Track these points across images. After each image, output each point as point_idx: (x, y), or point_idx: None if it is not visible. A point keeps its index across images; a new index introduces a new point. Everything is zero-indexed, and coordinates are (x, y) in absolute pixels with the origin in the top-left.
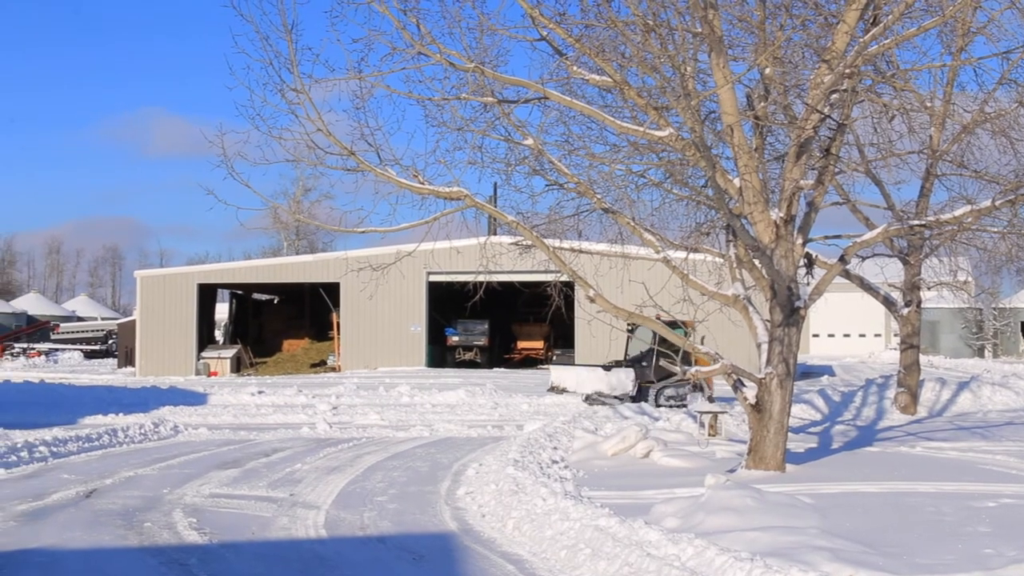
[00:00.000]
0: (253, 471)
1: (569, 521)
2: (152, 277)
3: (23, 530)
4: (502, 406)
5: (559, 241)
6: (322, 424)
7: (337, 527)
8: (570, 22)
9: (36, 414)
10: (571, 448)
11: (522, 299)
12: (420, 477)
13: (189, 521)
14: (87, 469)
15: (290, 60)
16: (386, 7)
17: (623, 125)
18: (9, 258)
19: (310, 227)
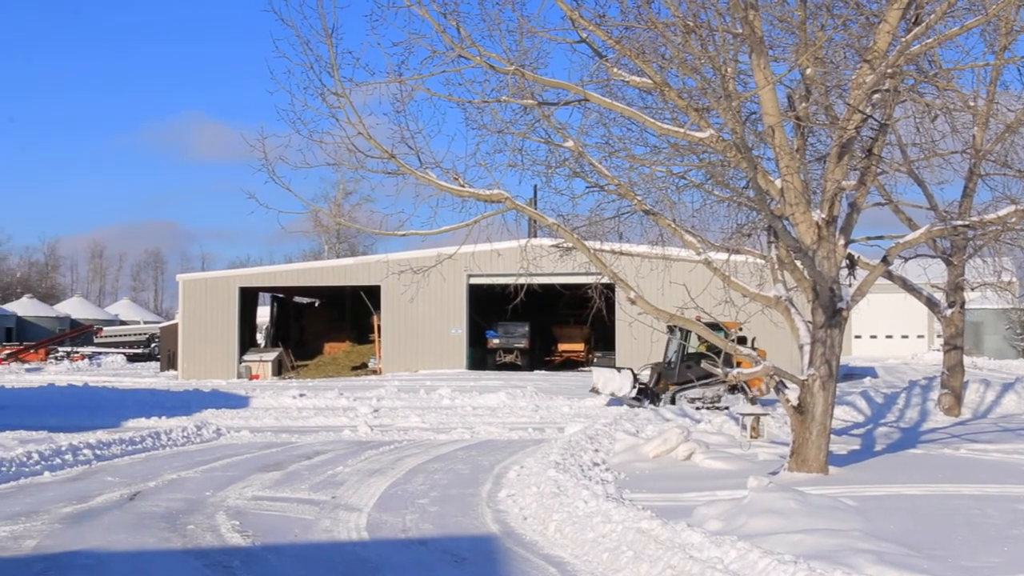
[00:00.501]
0: (295, 474)
1: (611, 524)
2: (194, 281)
3: (68, 532)
4: (543, 408)
5: (600, 243)
6: (363, 427)
7: (379, 529)
8: (610, 24)
9: (80, 417)
10: (612, 450)
11: (563, 301)
12: (461, 479)
13: (232, 523)
14: (131, 472)
15: (331, 64)
16: (426, 10)
17: (664, 127)
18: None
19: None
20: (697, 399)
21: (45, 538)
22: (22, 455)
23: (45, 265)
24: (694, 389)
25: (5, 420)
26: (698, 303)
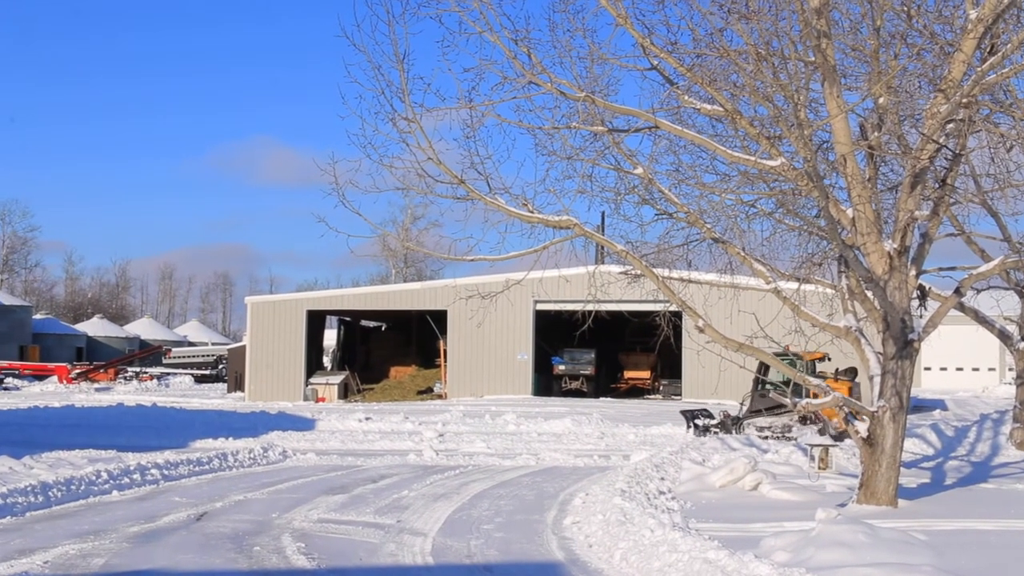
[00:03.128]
0: (360, 497)
1: (677, 553)
2: (262, 303)
3: (136, 552)
4: (608, 436)
5: (668, 271)
6: (428, 451)
7: (444, 554)
8: (681, 51)
9: (148, 437)
10: (678, 479)
11: (630, 328)
12: (526, 506)
13: (298, 546)
14: (198, 492)
15: (402, 89)
16: (497, 37)
17: (734, 154)
18: (123, 284)
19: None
20: (765, 428)
21: (113, 557)
22: (91, 474)
23: (116, 286)
24: (762, 418)
25: (75, 439)
26: (767, 332)
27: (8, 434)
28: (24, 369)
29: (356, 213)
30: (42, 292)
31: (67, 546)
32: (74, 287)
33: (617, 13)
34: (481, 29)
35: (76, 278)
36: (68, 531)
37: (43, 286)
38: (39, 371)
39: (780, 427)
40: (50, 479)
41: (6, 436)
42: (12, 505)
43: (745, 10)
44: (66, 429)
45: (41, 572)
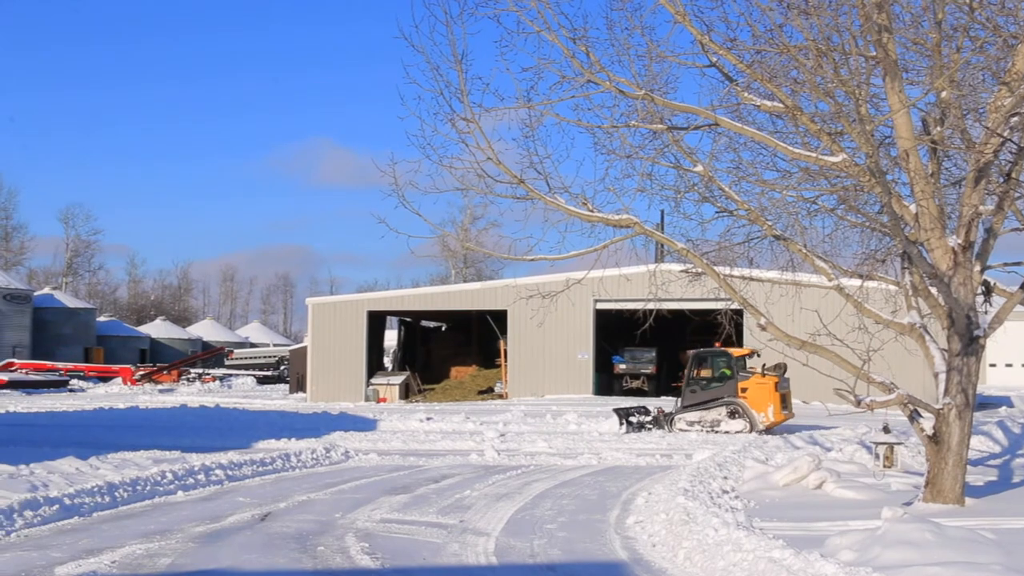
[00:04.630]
0: (423, 497)
1: (742, 552)
2: (323, 304)
3: (201, 552)
4: (670, 435)
5: (729, 268)
6: (490, 451)
7: (507, 554)
8: (741, 48)
9: (212, 438)
10: (741, 478)
11: (691, 327)
12: (589, 505)
13: (361, 546)
14: (261, 492)
15: (460, 90)
16: (555, 36)
17: (795, 151)
18: (185, 286)
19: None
20: (695, 422)
21: (179, 557)
22: (156, 474)
23: (178, 288)
24: (692, 413)
25: (140, 440)
26: (830, 329)
27: (74, 435)
28: (89, 371)
29: (416, 214)
30: (106, 295)
31: (134, 546)
32: (137, 289)
33: (675, 10)
34: (539, 28)
35: (139, 280)
36: (134, 531)
37: (107, 289)
38: (104, 373)
39: (709, 421)
40: (116, 480)
41: (72, 437)
42: (79, 505)
43: (805, 5)
44: (131, 430)
45: (109, 572)
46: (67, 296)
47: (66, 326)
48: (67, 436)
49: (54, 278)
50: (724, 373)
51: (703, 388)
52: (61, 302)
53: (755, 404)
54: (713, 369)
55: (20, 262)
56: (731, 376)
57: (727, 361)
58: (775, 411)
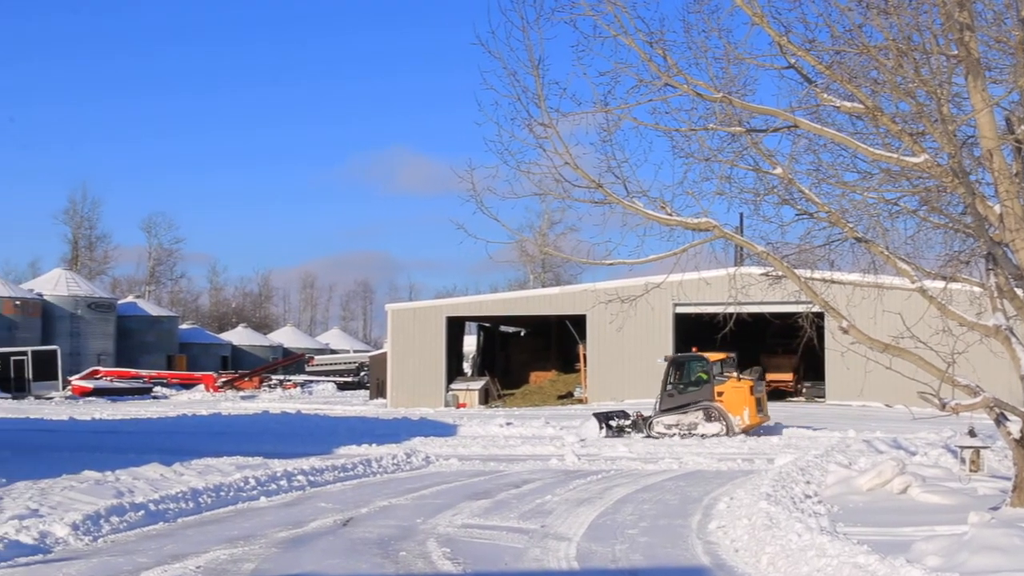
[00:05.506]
0: (504, 502)
1: (826, 558)
2: (402, 310)
3: (284, 557)
4: (751, 439)
5: (810, 271)
6: (570, 456)
7: (589, 559)
8: (820, 49)
9: (293, 444)
10: (824, 482)
11: (771, 330)
12: (670, 510)
13: (443, 551)
14: (343, 498)
15: (537, 95)
16: (632, 40)
17: (875, 152)
18: (266, 293)
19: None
20: (673, 426)
21: (263, 562)
22: (239, 480)
23: (259, 296)
24: (669, 416)
25: (222, 446)
26: (913, 332)
27: (158, 442)
28: (172, 378)
29: (494, 219)
30: (188, 302)
31: (218, 551)
32: (218, 297)
33: (753, 12)
34: (615, 32)
35: (220, 288)
36: (219, 536)
37: (188, 296)
38: (186, 380)
39: (687, 424)
40: (200, 485)
41: (157, 444)
42: (164, 511)
43: (884, 4)
44: (213, 436)
45: None
46: (150, 304)
47: (149, 334)
48: (151, 443)
49: (137, 287)
50: (701, 377)
51: (680, 392)
52: (144, 310)
53: (731, 407)
54: (690, 373)
55: (104, 271)
56: (708, 380)
57: (703, 366)
58: (751, 414)
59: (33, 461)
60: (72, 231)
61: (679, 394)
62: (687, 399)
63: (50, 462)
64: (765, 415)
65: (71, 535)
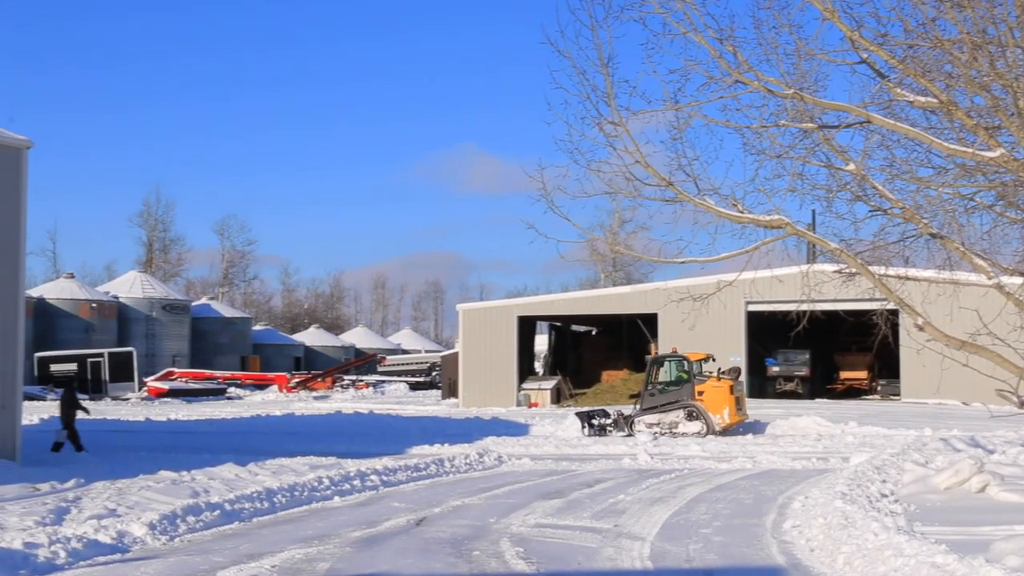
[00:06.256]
0: (576, 501)
1: (903, 557)
2: (473, 310)
3: (359, 556)
4: (826, 438)
5: (884, 268)
6: (643, 455)
7: (663, 559)
8: (892, 43)
9: (366, 444)
10: (900, 481)
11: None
12: (744, 509)
13: (516, 551)
14: (416, 497)
15: (607, 93)
16: (702, 37)
17: (950, 147)
18: (338, 294)
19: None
20: (654, 425)
21: (337, 561)
22: (313, 480)
23: (331, 296)
24: (651, 415)
25: (296, 446)
26: (991, 329)
27: (233, 442)
28: (246, 379)
29: (564, 218)
30: (260, 304)
31: (293, 551)
32: (291, 298)
33: (824, 7)
34: (685, 30)
35: (292, 289)
36: (293, 536)
37: (261, 298)
38: (260, 381)
39: (668, 424)
40: (274, 485)
41: (231, 444)
42: (239, 511)
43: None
44: (287, 437)
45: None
46: (223, 306)
47: (223, 335)
48: (226, 443)
49: (211, 288)
50: (681, 377)
51: (661, 392)
52: (218, 312)
53: (711, 406)
54: (671, 373)
55: (178, 273)
56: (688, 380)
57: (684, 365)
58: (730, 413)
59: (110, 461)
60: (147, 234)
61: (660, 394)
62: (668, 398)
63: (127, 462)
64: (744, 414)
65: (148, 535)
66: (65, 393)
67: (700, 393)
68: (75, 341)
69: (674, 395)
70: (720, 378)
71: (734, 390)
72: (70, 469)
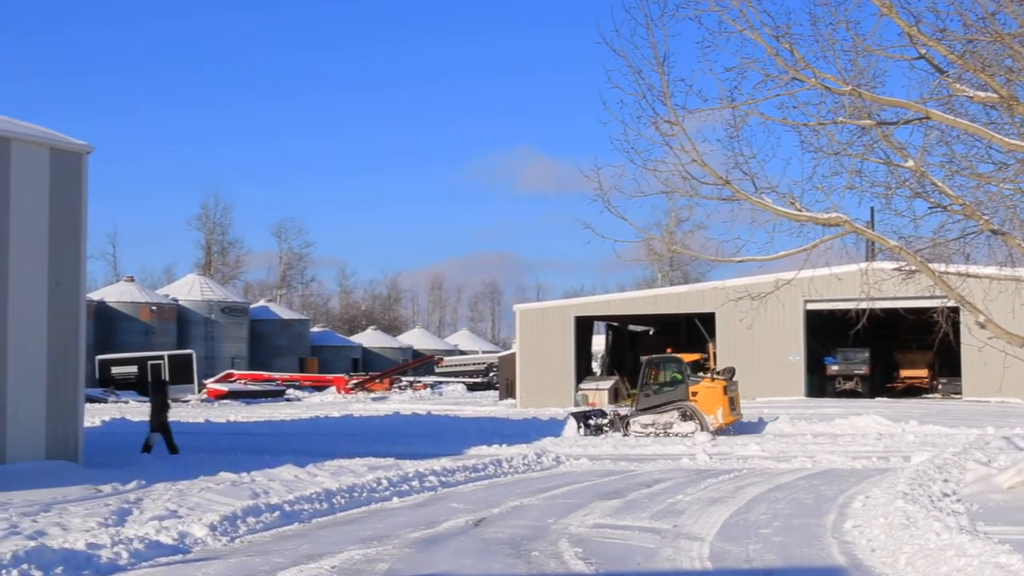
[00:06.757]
0: (635, 502)
1: (966, 557)
2: (530, 311)
3: (417, 557)
4: (886, 437)
5: (944, 265)
6: (701, 455)
7: (722, 559)
8: (951, 38)
9: (424, 445)
10: (962, 481)
11: (905, 326)
12: (804, 509)
13: (575, 551)
14: (474, 498)
15: (663, 92)
16: (758, 34)
17: (1011, 142)
18: (395, 295)
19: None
20: (649, 425)
21: (396, 562)
22: (372, 481)
23: (388, 298)
24: (646, 416)
25: (354, 447)
26: None
27: (292, 443)
28: (304, 381)
29: (621, 218)
30: (318, 306)
31: (352, 551)
32: (348, 300)
33: (881, 2)
34: (741, 27)
35: (350, 291)
36: (352, 537)
37: (319, 300)
38: (318, 382)
39: (663, 424)
40: (333, 486)
41: (290, 445)
42: (299, 512)
43: None
44: (345, 438)
45: None
46: (281, 308)
47: (281, 337)
48: (285, 444)
49: (269, 291)
50: (675, 377)
51: (656, 392)
52: (276, 314)
53: (705, 407)
54: (665, 374)
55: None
56: (682, 380)
57: (678, 366)
58: (724, 413)
59: (171, 463)
60: (205, 237)
61: (655, 394)
62: (663, 399)
63: (187, 464)
64: (738, 413)
65: (209, 535)
66: (157, 395)
67: (694, 394)
68: (135, 344)
69: (668, 396)
70: (714, 379)
71: (728, 390)
72: (131, 471)
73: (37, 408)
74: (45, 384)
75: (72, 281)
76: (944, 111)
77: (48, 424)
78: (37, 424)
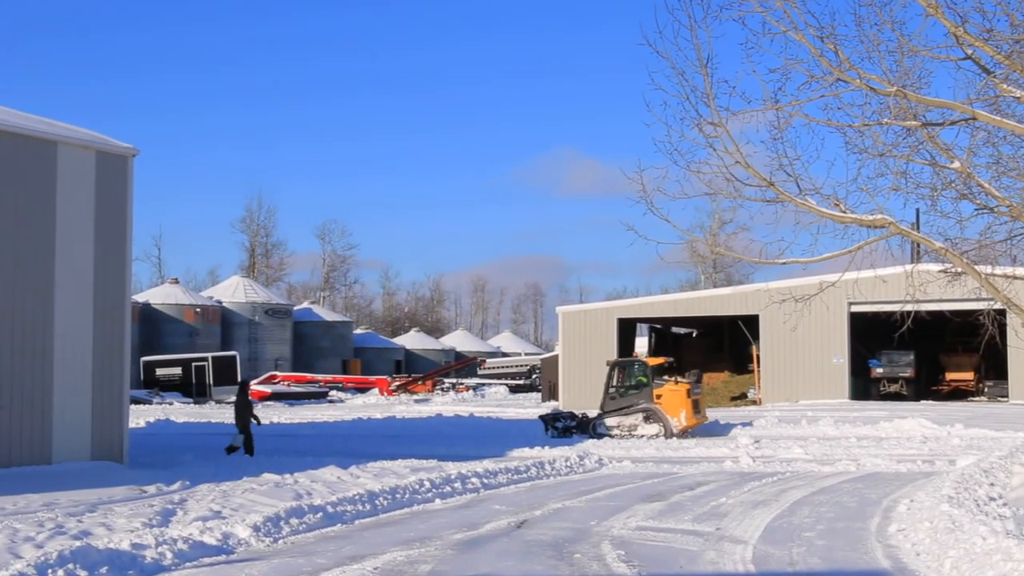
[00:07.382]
0: (678, 504)
1: (1012, 562)
2: (573, 313)
3: (460, 558)
4: (931, 440)
5: (991, 267)
6: (745, 458)
7: (765, 562)
8: (998, 38)
9: (467, 447)
10: (1009, 485)
11: (950, 328)
12: (848, 513)
13: (617, 553)
14: (517, 500)
15: (707, 94)
16: (803, 35)
17: None
18: (438, 297)
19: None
20: (614, 427)
21: (439, 563)
22: (415, 483)
23: (431, 300)
24: (611, 418)
25: (397, 449)
26: None
27: (335, 445)
28: (347, 382)
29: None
30: (361, 307)
31: (395, 553)
32: (391, 302)
33: (927, 3)
34: (785, 28)
35: (393, 293)
36: (395, 538)
37: (362, 302)
38: (361, 384)
39: (627, 426)
40: (376, 488)
41: (333, 447)
42: (342, 513)
43: None
44: (388, 440)
45: None
46: (325, 310)
47: (324, 339)
48: (328, 446)
49: (312, 292)
50: (640, 381)
51: (622, 395)
52: (319, 316)
53: (669, 409)
54: (631, 377)
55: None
56: (647, 383)
57: (643, 369)
58: (687, 416)
59: (215, 464)
60: (249, 239)
61: (620, 396)
62: (628, 401)
63: (231, 465)
64: (703, 416)
65: (252, 536)
66: (240, 396)
67: (658, 396)
68: (180, 345)
69: (633, 398)
70: (678, 382)
71: (691, 393)
72: (176, 471)
73: (83, 409)
74: (91, 386)
75: (117, 283)
76: (991, 112)
77: (93, 425)
78: (83, 425)
